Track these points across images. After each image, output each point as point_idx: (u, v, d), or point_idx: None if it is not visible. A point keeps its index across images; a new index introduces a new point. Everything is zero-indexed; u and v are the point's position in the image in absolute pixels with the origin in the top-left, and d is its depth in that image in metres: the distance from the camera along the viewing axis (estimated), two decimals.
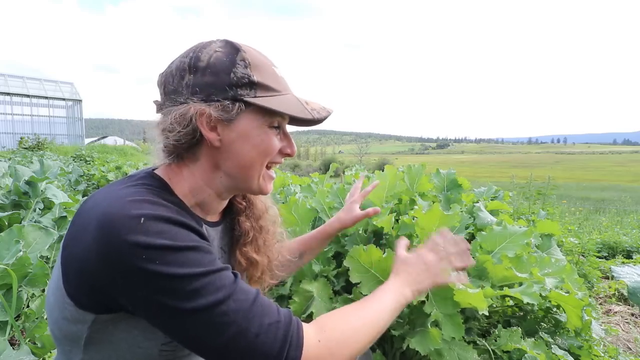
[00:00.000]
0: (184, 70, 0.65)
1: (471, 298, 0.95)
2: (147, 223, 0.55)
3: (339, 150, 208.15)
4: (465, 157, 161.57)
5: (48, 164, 3.08)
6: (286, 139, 0.73)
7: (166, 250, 0.55)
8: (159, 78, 0.70)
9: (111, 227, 0.54)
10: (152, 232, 0.55)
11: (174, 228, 0.58)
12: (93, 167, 7.86)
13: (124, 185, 0.64)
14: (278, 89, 0.68)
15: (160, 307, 0.55)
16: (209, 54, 0.65)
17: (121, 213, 0.55)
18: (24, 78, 21.79)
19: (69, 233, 0.61)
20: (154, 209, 0.58)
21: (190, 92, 0.65)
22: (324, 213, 1.55)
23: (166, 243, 0.55)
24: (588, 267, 2.78)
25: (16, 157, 9.93)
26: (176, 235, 0.57)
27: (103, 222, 0.55)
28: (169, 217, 0.58)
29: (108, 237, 0.54)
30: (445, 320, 0.99)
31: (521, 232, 1.24)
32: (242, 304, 0.58)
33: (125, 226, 0.54)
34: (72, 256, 0.59)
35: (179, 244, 0.56)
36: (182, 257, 0.56)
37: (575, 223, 5.03)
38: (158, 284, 0.54)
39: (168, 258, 0.54)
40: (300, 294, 1.22)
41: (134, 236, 0.54)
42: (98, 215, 0.56)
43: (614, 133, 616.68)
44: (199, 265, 0.57)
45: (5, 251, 1.54)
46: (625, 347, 1.97)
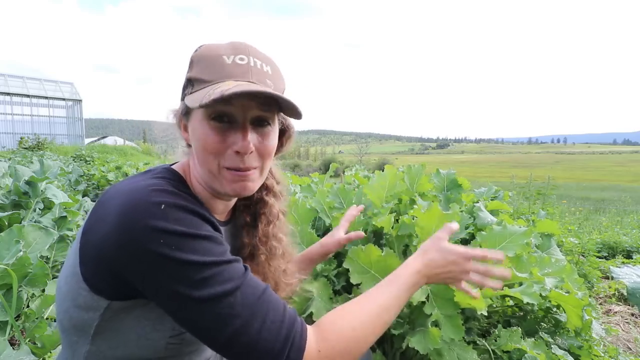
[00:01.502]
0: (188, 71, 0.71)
1: (470, 299, 0.95)
2: (167, 210, 0.58)
3: (339, 150, 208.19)
4: (465, 157, 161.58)
5: (48, 164, 3.08)
6: (239, 134, 0.64)
7: (183, 236, 0.57)
8: None
9: (134, 212, 0.56)
10: (171, 219, 0.57)
11: (191, 217, 0.60)
12: (93, 167, 7.87)
13: (144, 178, 0.66)
14: (210, 79, 0.63)
15: (170, 292, 0.56)
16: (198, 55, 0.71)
17: (144, 199, 0.58)
18: (24, 78, 21.79)
19: (90, 220, 0.63)
20: (173, 198, 0.60)
21: (185, 90, 0.70)
22: (324, 213, 1.55)
23: (183, 230, 0.57)
24: (588, 267, 2.78)
25: (16, 157, 9.93)
26: (192, 223, 0.59)
27: (126, 207, 0.57)
28: (187, 206, 0.60)
29: (130, 221, 0.56)
30: (446, 321, 0.99)
31: (521, 232, 1.24)
32: (248, 298, 0.59)
33: (147, 211, 0.56)
34: (91, 242, 0.60)
35: (194, 232, 0.58)
36: (196, 245, 0.58)
37: (575, 223, 5.03)
38: (172, 268, 0.56)
39: (183, 244, 0.56)
40: (300, 293, 1.22)
41: (155, 221, 0.56)
42: (121, 202, 0.58)
43: (614, 133, 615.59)
44: (210, 255, 0.58)
45: (5, 251, 1.54)
46: (625, 347, 1.97)
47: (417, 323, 1.10)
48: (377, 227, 1.34)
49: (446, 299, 1.01)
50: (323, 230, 1.62)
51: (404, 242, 1.28)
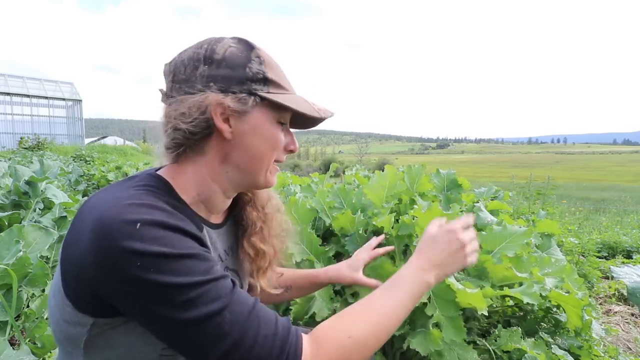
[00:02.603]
0: (198, 60, 0.65)
1: (471, 298, 0.95)
2: (143, 228, 0.54)
3: (339, 150, 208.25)
4: (465, 157, 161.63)
5: (48, 164, 3.08)
6: (290, 136, 0.75)
7: (161, 257, 0.53)
8: (167, 67, 0.69)
9: (106, 232, 0.53)
10: (147, 239, 0.53)
11: (171, 234, 0.56)
12: (93, 167, 7.87)
13: (124, 187, 0.62)
14: (287, 88, 0.71)
15: (154, 316, 0.54)
16: (224, 47, 0.66)
17: (117, 217, 0.54)
18: (24, 78, 21.79)
19: (68, 235, 0.60)
20: (151, 214, 0.56)
21: (205, 82, 0.64)
22: (324, 213, 1.55)
23: (161, 250, 0.53)
24: (588, 267, 2.78)
25: (16, 157, 9.94)
26: (172, 242, 0.55)
27: (98, 226, 0.54)
28: (166, 223, 0.56)
29: (103, 241, 0.53)
30: (447, 323, 0.99)
31: (521, 232, 1.24)
32: (238, 316, 0.57)
33: (120, 231, 0.53)
34: (70, 259, 0.58)
35: (174, 252, 0.55)
36: (177, 265, 0.54)
37: (575, 223, 5.03)
38: (152, 292, 0.53)
39: (163, 266, 0.53)
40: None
41: (129, 242, 0.52)
42: (94, 218, 0.55)
43: (614, 133, 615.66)
44: (194, 274, 0.55)
45: (5, 251, 1.54)
46: (625, 347, 1.97)
47: (418, 324, 1.10)
48: (377, 227, 1.34)
49: (447, 300, 1.01)
50: (323, 230, 1.62)
51: (404, 242, 1.28)
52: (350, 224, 1.37)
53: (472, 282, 1.13)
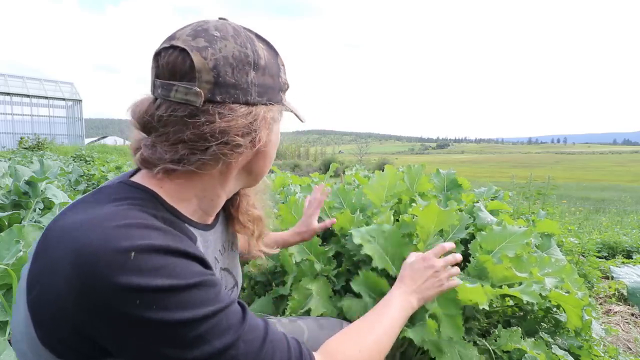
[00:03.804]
0: (248, 64, 0.57)
1: (471, 293, 0.96)
2: (139, 258, 0.45)
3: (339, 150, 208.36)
4: (465, 157, 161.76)
5: (48, 164, 3.08)
6: None
7: (165, 292, 0.45)
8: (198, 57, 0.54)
9: (92, 267, 0.44)
10: (146, 270, 0.45)
11: (172, 260, 0.48)
12: (93, 167, 7.87)
13: (99, 203, 0.53)
14: None
15: (158, 357, 0.47)
16: (262, 51, 0.60)
17: (105, 247, 0.45)
18: (24, 78, 21.81)
19: (35, 269, 0.49)
20: (145, 237, 0.48)
21: (257, 92, 0.58)
22: (324, 213, 1.55)
23: (165, 283, 0.46)
24: (588, 267, 2.78)
25: (16, 157, 9.94)
26: (175, 270, 0.47)
27: (81, 259, 0.44)
28: (166, 247, 0.48)
29: (90, 279, 0.44)
30: (446, 320, 0.99)
31: (521, 232, 1.24)
32: (252, 345, 0.52)
33: (111, 265, 0.44)
34: (42, 299, 0.48)
35: (179, 283, 0.47)
36: (183, 298, 0.47)
37: (575, 223, 5.03)
38: (156, 333, 0.45)
39: (168, 301, 0.45)
40: (300, 291, 1.22)
41: (125, 277, 0.44)
42: (73, 248, 0.45)
43: (614, 133, 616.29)
44: (203, 305, 0.48)
45: (5, 251, 1.54)
46: (625, 347, 1.97)
47: (417, 318, 1.10)
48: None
49: (449, 298, 1.01)
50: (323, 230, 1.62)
51: (405, 241, 1.28)
52: (350, 224, 1.37)
53: (471, 281, 1.13)
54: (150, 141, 0.57)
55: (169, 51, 0.55)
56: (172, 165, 0.56)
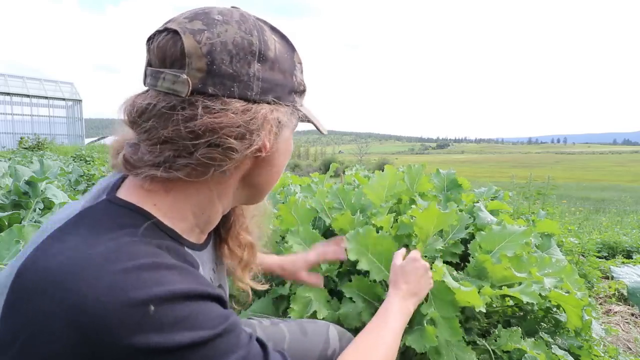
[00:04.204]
0: (252, 53, 0.48)
1: (467, 296, 0.96)
2: (159, 311, 0.37)
3: (339, 150, 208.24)
4: (465, 157, 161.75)
5: (48, 164, 3.08)
6: None
7: (190, 348, 0.38)
8: (190, 41, 0.45)
9: (101, 327, 0.35)
10: (167, 325, 0.37)
11: (194, 307, 0.40)
12: (93, 167, 7.87)
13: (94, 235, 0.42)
14: None
15: None
16: (273, 42, 0.51)
17: (115, 300, 0.36)
18: (24, 78, 21.82)
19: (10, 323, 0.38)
20: (161, 282, 0.39)
21: (261, 87, 0.49)
22: (324, 213, 1.55)
23: (188, 339, 0.38)
24: (588, 267, 2.78)
25: (16, 157, 9.94)
26: (198, 320, 0.40)
27: (83, 317, 0.35)
28: (187, 292, 0.40)
29: (97, 343, 0.35)
30: (443, 323, 0.99)
31: (520, 231, 1.24)
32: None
33: (125, 323, 0.35)
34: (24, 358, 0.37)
35: (203, 335, 0.39)
36: (208, 352, 0.40)
37: (575, 223, 5.02)
38: None
39: (195, 357, 0.39)
40: (298, 301, 1.20)
41: (142, 337, 0.36)
42: (69, 303, 0.36)
43: (614, 133, 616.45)
44: (226, 356, 0.41)
45: (5, 251, 1.54)
46: (625, 347, 1.97)
47: (415, 322, 1.10)
48: (376, 227, 1.34)
49: (445, 300, 1.01)
50: (323, 230, 1.62)
51: (403, 241, 1.28)
52: (350, 225, 1.37)
53: (471, 281, 1.13)
54: (134, 140, 0.49)
55: (162, 34, 0.47)
56: (156, 171, 0.46)
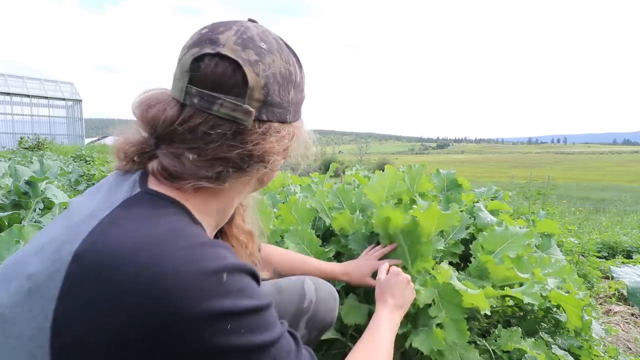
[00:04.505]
0: (290, 82, 0.55)
1: (473, 298, 0.96)
2: (229, 280, 0.42)
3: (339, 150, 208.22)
4: (465, 157, 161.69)
5: (48, 164, 3.08)
6: None
7: (250, 313, 0.43)
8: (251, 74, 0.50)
9: (180, 291, 0.39)
10: (234, 292, 0.42)
11: (247, 280, 0.46)
12: (93, 167, 7.86)
13: (149, 220, 0.46)
14: None
15: None
16: (296, 66, 0.58)
17: (192, 268, 0.41)
18: (24, 78, 21.80)
19: (69, 306, 0.40)
20: (222, 256, 0.44)
21: (294, 110, 0.57)
22: (324, 213, 1.55)
23: (251, 305, 0.44)
24: (588, 267, 2.78)
25: (16, 157, 9.93)
26: (254, 290, 0.46)
27: (162, 286, 0.39)
28: (241, 266, 0.46)
29: (174, 306, 0.38)
30: (451, 325, 0.99)
31: (522, 233, 1.24)
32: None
33: (202, 288, 0.40)
34: (86, 340, 0.39)
35: (259, 304, 0.45)
36: (263, 320, 0.45)
37: (575, 223, 5.02)
38: (238, 358, 0.42)
39: (253, 324, 0.43)
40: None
41: (218, 301, 0.40)
42: (147, 275, 0.39)
43: (614, 133, 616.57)
44: (275, 326, 0.47)
45: (5, 251, 1.54)
46: (625, 347, 1.97)
47: (420, 323, 1.10)
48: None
49: (453, 303, 1.01)
50: (323, 230, 1.62)
51: None
52: (349, 224, 1.37)
53: (473, 282, 1.13)
54: (173, 152, 0.51)
55: (215, 59, 0.50)
56: (207, 183, 0.51)
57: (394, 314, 0.88)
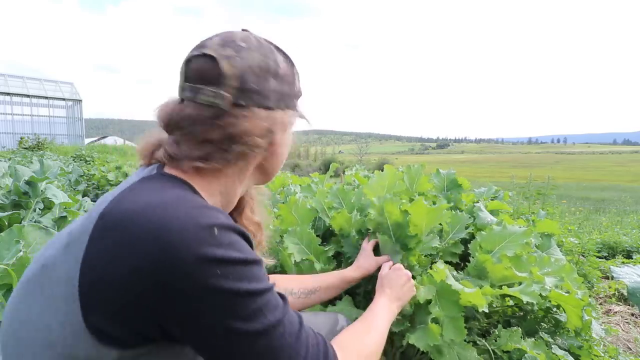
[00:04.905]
0: (269, 72, 0.63)
1: (470, 296, 0.96)
2: (220, 233, 0.51)
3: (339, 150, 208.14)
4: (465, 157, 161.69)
5: (48, 164, 3.08)
6: None
7: (238, 264, 0.51)
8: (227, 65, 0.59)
9: (181, 240, 0.48)
10: (225, 244, 0.51)
11: (237, 237, 0.54)
12: (93, 167, 7.86)
13: (162, 190, 0.57)
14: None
15: (221, 330, 0.50)
16: (281, 61, 0.66)
17: (192, 223, 0.50)
18: (24, 78, 21.80)
19: (93, 252, 0.51)
20: (217, 217, 0.53)
21: (276, 98, 0.64)
22: (324, 213, 1.55)
23: (239, 256, 0.52)
24: (588, 267, 2.78)
25: (16, 157, 9.93)
26: (243, 247, 0.54)
27: (170, 233, 0.48)
28: (233, 226, 0.54)
29: (177, 251, 0.47)
30: (448, 322, 0.99)
31: (521, 231, 1.24)
32: (293, 326, 0.57)
33: (198, 238, 0.49)
34: (105, 278, 0.49)
35: (247, 257, 0.53)
36: (250, 272, 0.53)
37: (575, 223, 5.02)
38: (227, 303, 0.50)
39: (240, 273, 0.51)
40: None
41: (210, 249, 0.49)
42: (158, 225, 0.49)
43: (614, 133, 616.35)
44: (262, 280, 0.54)
45: (5, 251, 1.54)
46: (625, 347, 1.97)
47: (418, 321, 1.10)
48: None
49: (451, 300, 1.01)
50: (323, 230, 1.62)
51: None
52: (347, 223, 1.37)
53: (471, 281, 1.13)
54: (174, 139, 0.63)
55: (200, 58, 0.61)
56: (199, 163, 0.61)
57: (392, 303, 0.92)
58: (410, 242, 1.15)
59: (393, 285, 0.97)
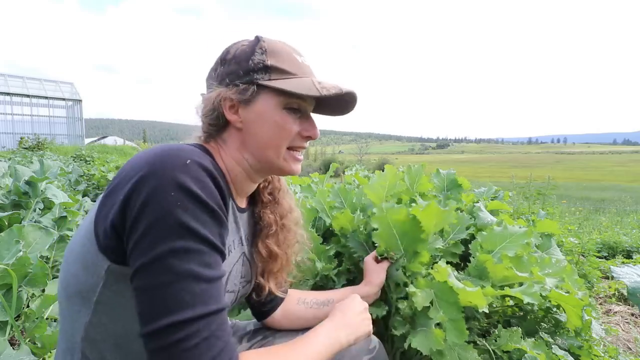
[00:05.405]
0: (217, 63, 0.76)
1: (471, 296, 0.95)
2: (191, 165, 0.59)
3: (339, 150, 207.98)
4: (465, 157, 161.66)
5: (48, 164, 3.08)
6: (308, 123, 0.78)
7: (192, 197, 0.57)
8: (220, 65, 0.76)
9: (161, 163, 0.58)
10: (193, 178, 0.58)
11: (208, 181, 0.60)
12: (93, 167, 7.86)
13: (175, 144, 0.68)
14: (294, 72, 0.73)
15: (149, 248, 0.54)
16: (236, 47, 0.74)
17: (172, 154, 0.60)
18: (24, 78, 21.78)
19: (116, 178, 0.63)
20: (199, 158, 0.62)
21: (218, 80, 0.74)
22: (324, 213, 1.55)
23: (196, 192, 0.57)
24: (588, 267, 2.78)
25: (16, 157, 9.93)
26: (207, 189, 0.60)
27: (154, 158, 0.59)
28: (205, 166, 0.61)
29: (155, 170, 0.57)
30: (450, 325, 0.99)
31: (521, 232, 1.24)
32: (211, 299, 0.56)
33: (173, 164, 0.58)
34: (113, 194, 0.61)
35: (204, 199, 0.58)
36: (198, 213, 0.57)
37: (575, 223, 5.03)
38: (164, 223, 0.55)
39: (188, 205, 0.56)
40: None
41: (181, 176, 0.57)
42: (150, 155, 0.60)
43: (614, 133, 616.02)
44: (206, 229, 0.57)
45: (6, 251, 1.54)
46: (625, 347, 1.97)
47: (419, 323, 1.10)
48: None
49: (450, 302, 1.01)
50: (323, 230, 1.62)
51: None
52: (350, 223, 1.37)
53: (472, 281, 1.13)
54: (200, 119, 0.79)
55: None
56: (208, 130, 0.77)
57: (338, 329, 0.80)
58: (418, 246, 1.12)
59: (345, 311, 0.85)
